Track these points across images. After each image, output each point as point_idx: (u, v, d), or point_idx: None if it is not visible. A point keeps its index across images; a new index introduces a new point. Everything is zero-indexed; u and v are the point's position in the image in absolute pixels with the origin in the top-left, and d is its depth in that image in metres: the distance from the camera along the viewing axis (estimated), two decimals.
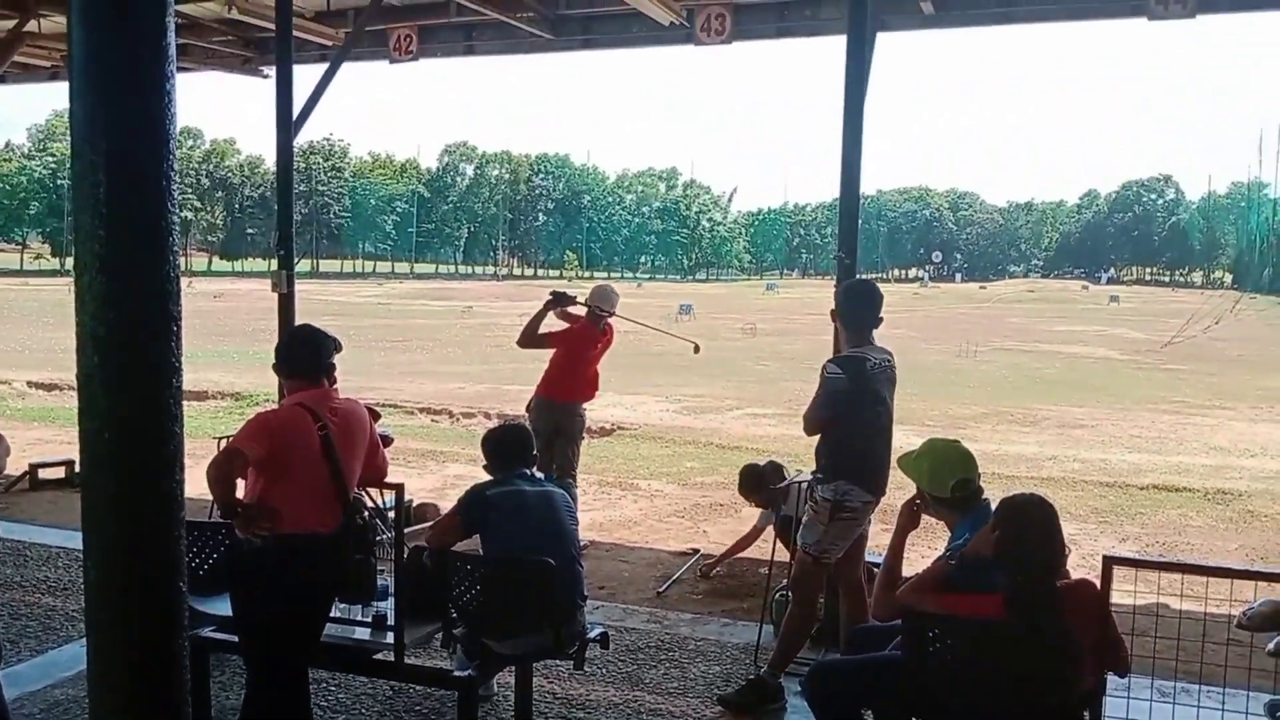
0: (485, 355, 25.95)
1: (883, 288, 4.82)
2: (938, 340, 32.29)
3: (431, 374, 21.02)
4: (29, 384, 16.79)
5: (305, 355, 3.64)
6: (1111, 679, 3.30)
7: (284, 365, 3.67)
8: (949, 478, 3.53)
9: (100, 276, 1.29)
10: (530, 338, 6.91)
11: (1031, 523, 3.18)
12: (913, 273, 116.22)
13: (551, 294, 7.13)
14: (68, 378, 17.49)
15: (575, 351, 7.00)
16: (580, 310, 7.17)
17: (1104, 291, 73.51)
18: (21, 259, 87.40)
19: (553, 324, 7.20)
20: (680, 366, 23.25)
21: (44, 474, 8.86)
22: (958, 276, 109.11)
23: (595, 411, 13.81)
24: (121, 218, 1.30)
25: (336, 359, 3.71)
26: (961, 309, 54.72)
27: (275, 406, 3.60)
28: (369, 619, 4.03)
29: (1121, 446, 13.84)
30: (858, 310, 4.57)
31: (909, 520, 3.57)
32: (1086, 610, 3.08)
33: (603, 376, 7.35)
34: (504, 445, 4.13)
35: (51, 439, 11.96)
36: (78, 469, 7.21)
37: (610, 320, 7.18)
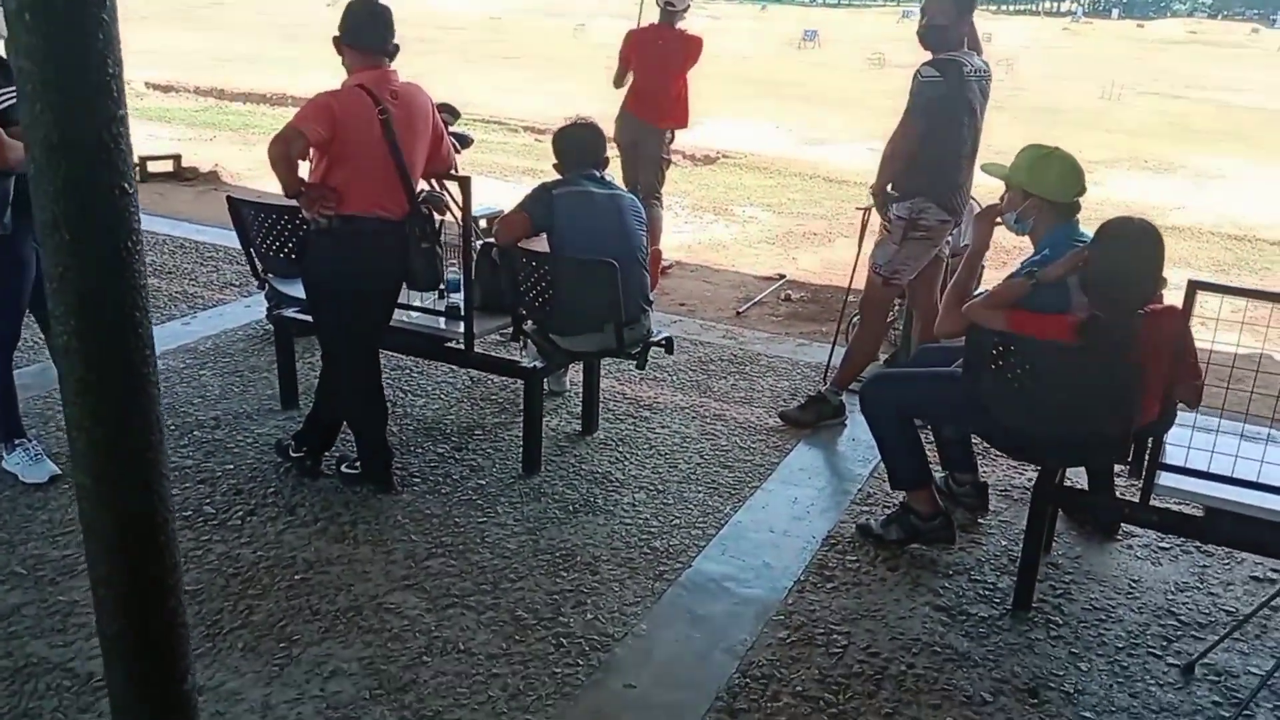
0: (596, 75, 25.27)
1: (1030, 21, 4.38)
2: (1081, 80, 30.03)
3: (540, 92, 20.66)
4: (146, 84, 17.14)
5: (371, 27, 3.49)
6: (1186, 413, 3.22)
7: (345, 36, 3.49)
8: (1077, 180, 3.30)
9: None
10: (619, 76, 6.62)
11: (1132, 249, 3.00)
12: (1065, 5, 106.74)
13: None
14: (183, 78, 17.78)
15: (644, 60, 6.59)
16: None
17: (1277, 36, 66.57)
18: None
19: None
20: (800, 96, 22.30)
21: (152, 167, 9.22)
22: (1114, 12, 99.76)
23: (700, 137, 13.49)
24: None
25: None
26: (1113, 47, 50.37)
27: (334, 88, 3.51)
28: (444, 309, 4.15)
29: (1262, 200, 12.97)
30: (958, 4, 4.17)
31: (987, 233, 3.40)
32: (1165, 338, 2.95)
33: (712, 104, 6.99)
34: (573, 144, 4.05)
35: (162, 134, 12.35)
36: (184, 164, 7.43)
37: (687, 26, 6.63)
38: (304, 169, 3.48)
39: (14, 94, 3.49)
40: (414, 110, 3.54)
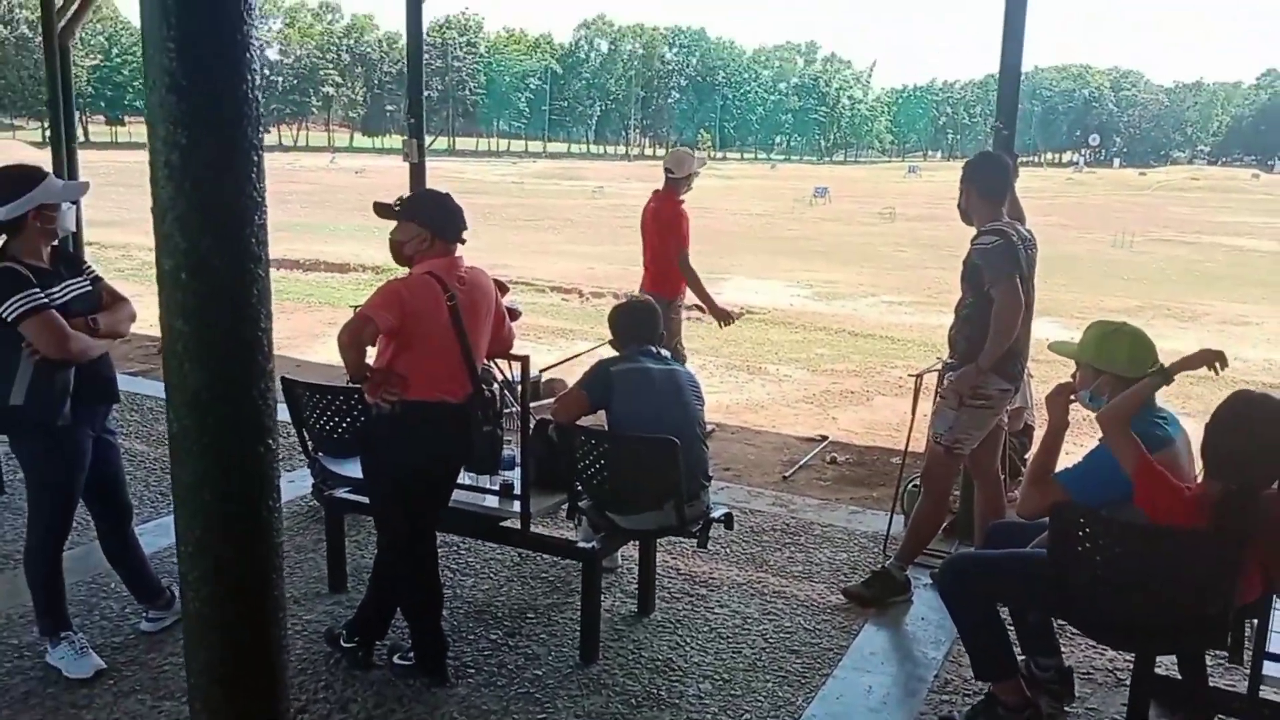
0: (615, 236, 25.92)
1: (1035, 173, 4.48)
2: (1091, 229, 30.65)
3: (562, 253, 21.16)
4: None
5: (453, 220, 3.53)
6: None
7: (413, 215, 3.50)
8: (1149, 355, 3.25)
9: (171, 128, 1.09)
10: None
11: (1260, 420, 2.91)
12: (1067, 156, 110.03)
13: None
14: None
15: (645, 233, 6.72)
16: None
17: (1277, 181, 68.11)
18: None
19: None
20: (814, 252, 22.75)
21: None
22: (1116, 162, 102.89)
23: (722, 294, 13.69)
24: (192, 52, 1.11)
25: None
26: (1118, 196, 51.65)
27: (404, 276, 3.54)
28: (497, 487, 4.07)
29: None
30: (994, 176, 4.24)
31: (1064, 410, 3.33)
32: (1275, 520, 2.83)
33: (732, 260, 7.12)
34: (630, 321, 4.05)
35: None
36: None
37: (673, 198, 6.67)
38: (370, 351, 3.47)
39: (81, 284, 3.53)
40: (479, 295, 3.56)
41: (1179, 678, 3.50)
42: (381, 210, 3.56)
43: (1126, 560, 2.96)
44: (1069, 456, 3.27)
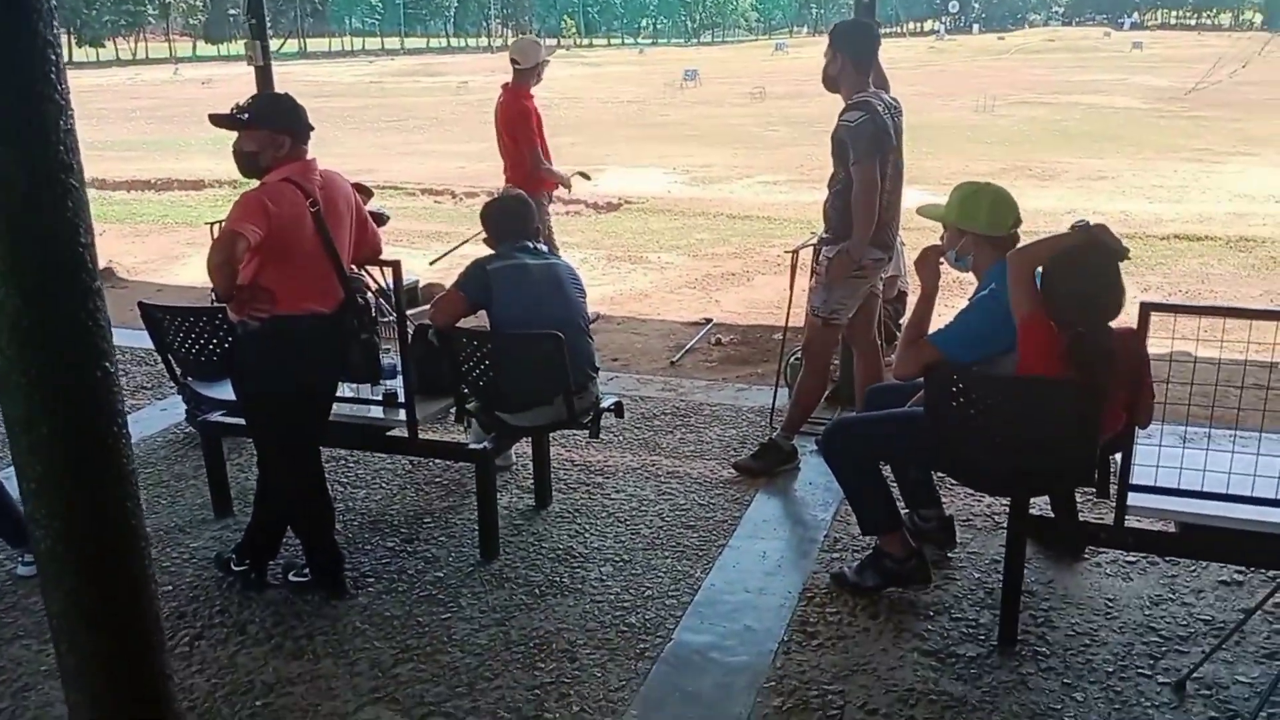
0: (484, 132, 25.20)
1: (898, 42, 4.52)
2: (955, 95, 31.17)
3: (430, 154, 20.52)
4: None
5: (297, 116, 3.34)
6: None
7: (265, 122, 3.31)
8: (1009, 214, 3.34)
9: None
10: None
11: (1098, 263, 3.01)
12: (928, 25, 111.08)
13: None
14: None
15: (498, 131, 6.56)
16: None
17: (1127, 38, 70.36)
18: None
19: None
20: (688, 137, 22.59)
21: None
22: (975, 28, 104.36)
23: (600, 184, 13.55)
24: None
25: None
26: (979, 62, 52.55)
27: (262, 185, 3.34)
28: (380, 398, 3.99)
29: (1142, 197, 13.55)
30: (863, 42, 4.25)
31: (934, 273, 3.41)
32: (1130, 360, 2.98)
33: (606, 149, 7.01)
34: (504, 216, 3.97)
35: None
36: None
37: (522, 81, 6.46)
38: None
39: None
40: (339, 196, 3.41)
41: (1052, 516, 3.72)
42: (221, 121, 3.35)
43: (998, 412, 3.09)
44: (940, 319, 3.36)
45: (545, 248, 4.08)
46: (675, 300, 8.08)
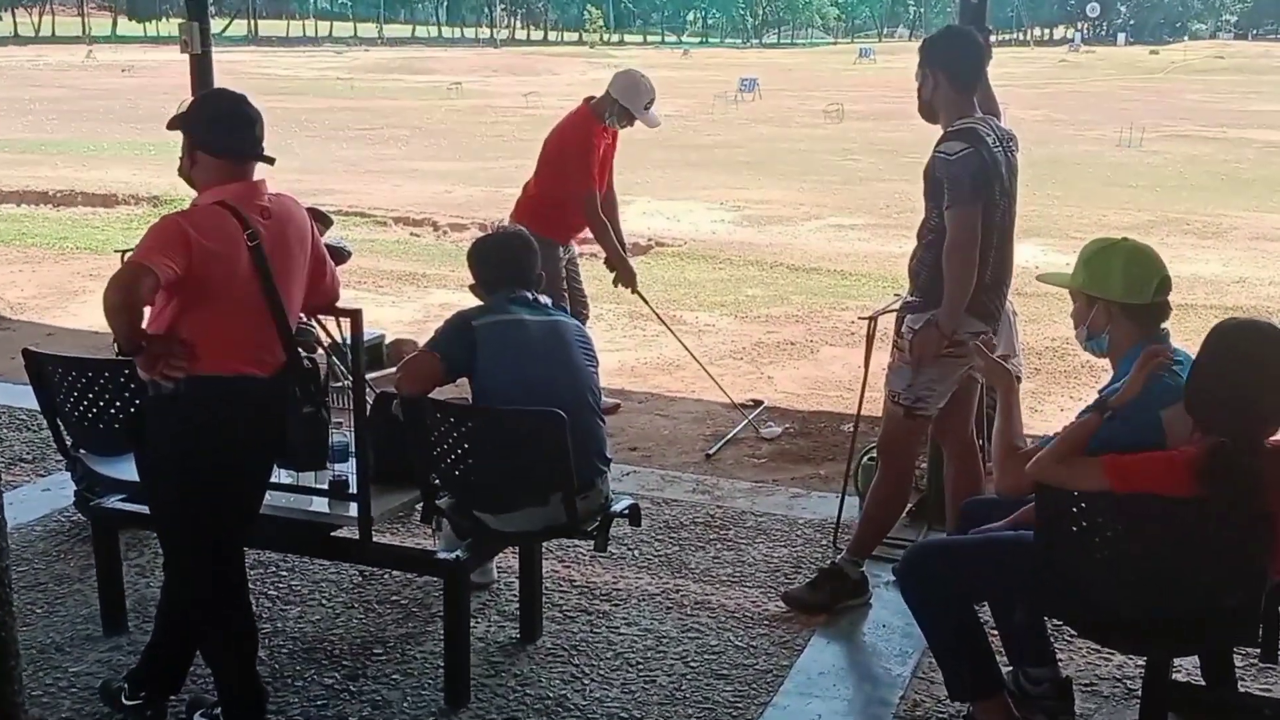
0: (480, 148, 25.72)
1: (1017, 54, 4.60)
2: (1090, 124, 31.51)
3: (410, 173, 20.91)
4: None
5: (240, 128, 3.44)
6: None
7: (198, 135, 3.41)
8: (1152, 275, 3.36)
9: None
10: None
11: (1257, 359, 3.02)
12: (1059, 33, 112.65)
13: None
14: None
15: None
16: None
17: None
18: None
19: None
20: (741, 164, 22.92)
21: None
22: (1120, 38, 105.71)
23: (626, 222, 13.69)
24: None
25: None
26: (1125, 81, 53.18)
27: (187, 208, 3.44)
28: (325, 486, 4.04)
29: None
30: (964, 58, 4.32)
31: (1003, 373, 3.47)
32: None
33: (635, 175, 7.13)
34: (498, 259, 4.05)
35: None
36: None
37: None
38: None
39: None
40: (290, 230, 3.49)
41: (1202, 684, 3.69)
42: (173, 123, 3.49)
43: (1133, 540, 3.09)
44: (1065, 414, 3.39)
45: (549, 301, 4.14)
46: (716, 374, 8.12)
